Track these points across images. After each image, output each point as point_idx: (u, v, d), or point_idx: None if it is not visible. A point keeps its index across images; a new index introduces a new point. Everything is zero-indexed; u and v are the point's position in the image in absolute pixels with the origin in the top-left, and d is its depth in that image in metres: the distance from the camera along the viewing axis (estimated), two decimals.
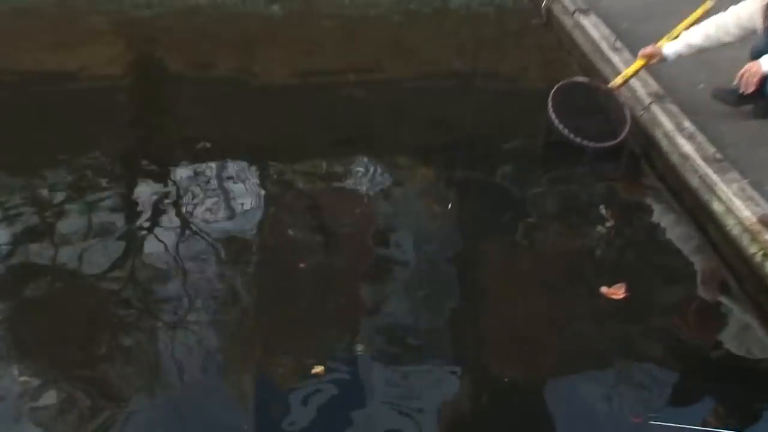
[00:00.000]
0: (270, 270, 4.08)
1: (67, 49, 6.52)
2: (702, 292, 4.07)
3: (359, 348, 3.56)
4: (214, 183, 4.79)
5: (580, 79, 5.51)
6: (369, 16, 7.56)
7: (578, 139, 4.91)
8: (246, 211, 4.54)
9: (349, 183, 4.83)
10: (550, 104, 4.97)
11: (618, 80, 5.25)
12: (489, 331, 3.72)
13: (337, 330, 3.66)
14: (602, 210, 4.69)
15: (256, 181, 4.85)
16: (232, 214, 4.50)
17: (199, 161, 5.00)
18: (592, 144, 4.94)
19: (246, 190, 4.73)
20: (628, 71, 5.25)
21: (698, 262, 4.28)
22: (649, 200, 4.84)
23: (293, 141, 5.29)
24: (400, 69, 6.44)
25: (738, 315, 3.89)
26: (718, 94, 5.04)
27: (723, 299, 4.00)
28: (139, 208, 4.55)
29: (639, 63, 5.18)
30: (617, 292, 3.83)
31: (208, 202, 4.59)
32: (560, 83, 5.14)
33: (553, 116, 4.93)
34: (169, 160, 5.07)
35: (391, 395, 3.32)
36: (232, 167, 4.97)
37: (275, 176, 4.93)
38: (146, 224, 4.42)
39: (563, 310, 3.82)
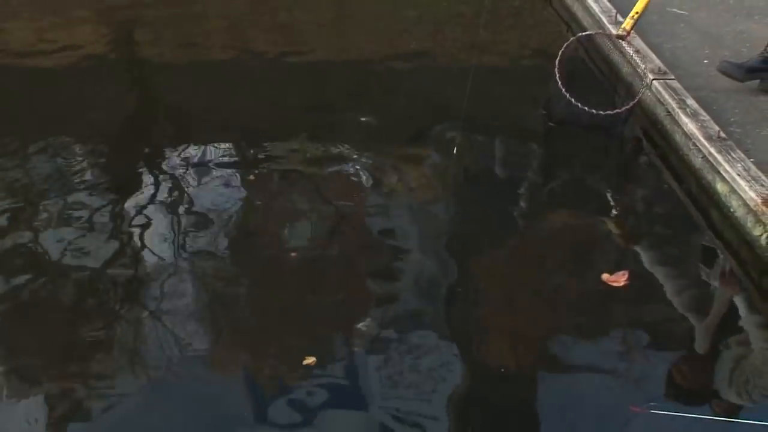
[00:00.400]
0: (261, 260, 3.99)
1: (51, 28, 6.42)
2: (703, 278, 3.98)
3: (351, 338, 3.48)
4: (202, 169, 4.68)
5: (586, 33, 5.34)
6: None
7: (593, 111, 4.68)
8: (236, 198, 4.45)
9: (341, 168, 4.71)
10: (557, 75, 4.74)
11: (627, 23, 4.95)
12: (486, 321, 3.64)
13: (329, 320, 3.59)
14: (602, 194, 4.59)
15: (245, 167, 4.75)
16: (221, 202, 4.39)
17: (187, 146, 4.91)
18: (608, 112, 4.72)
19: (235, 177, 4.63)
20: (637, 7, 4.90)
21: (700, 247, 4.19)
22: (650, 182, 4.74)
23: (284, 123, 5.19)
24: (393, 44, 6.32)
25: (740, 301, 3.80)
26: (724, 67, 4.89)
27: (725, 285, 3.90)
28: (126, 196, 4.45)
29: None
30: (618, 279, 3.75)
31: (196, 189, 4.50)
32: (564, 46, 4.89)
33: (562, 88, 4.71)
34: (156, 145, 4.99)
35: (384, 385, 3.26)
36: (221, 153, 4.87)
37: (265, 162, 4.82)
38: (133, 212, 4.33)
39: (563, 298, 3.74)
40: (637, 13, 4.89)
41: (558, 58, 4.81)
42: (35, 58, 6.03)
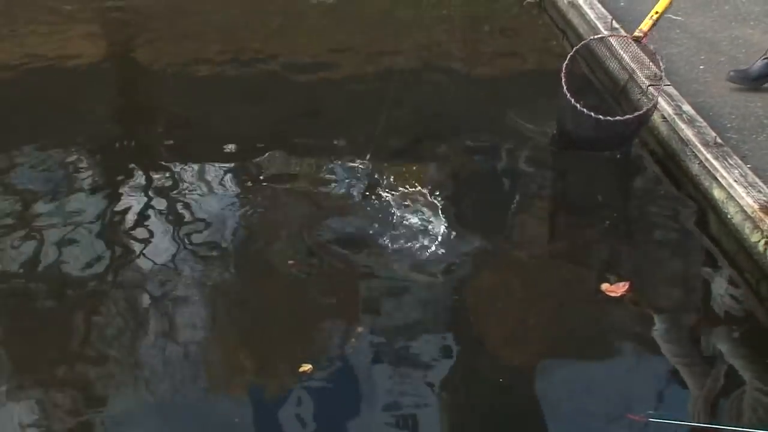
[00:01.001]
0: (259, 268, 3.97)
1: (44, 36, 6.42)
2: (701, 285, 3.96)
3: (348, 346, 3.46)
4: (197, 179, 4.66)
5: (598, 36, 5.16)
6: None
7: (599, 117, 4.35)
8: (232, 207, 4.41)
9: (338, 177, 4.66)
10: (564, 87, 4.44)
11: (645, 24, 4.72)
12: (485, 329, 3.62)
13: (326, 328, 3.57)
14: (600, 201, 4.54)
15: (241, 176, 4.71)
16: (217, 211, 4.36)
17: (183, 156, 4.88)
18: (618, 118, 4.40)
19: (231, 186, 4.61)
20: (657, 7, 4.68)
21: (698, 254, 4.17)
22: (647, 188, 4.71)
23: (279, 133, 5.15)
24: (387, 52, 6.30)
25: (739, 307, 3.78)
26: (732, 79, 4.90)
27: (723, 292, 3.88)
28: (121, 205, 4.44)
29: None
30: (616, 289, 3.71)
31: (192, 199, 4.47)
32: (573, 51, 4.68)
33: (567, 93, 4.42)
34: (151, 154, 4.97)
35: (381, 394, 3.24)
36: (218, 162, 4.83)
37: (262, 171, 4.77)
38: (129, 222, 4.30)
39: (562, 307, 3.73)
40: (657, 12, 4.70)
41: (564, 67, 4.54)
42: (31, 65, 6.02)
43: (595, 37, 5.25)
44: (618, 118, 4.45)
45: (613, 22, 5.87)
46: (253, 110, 5.45)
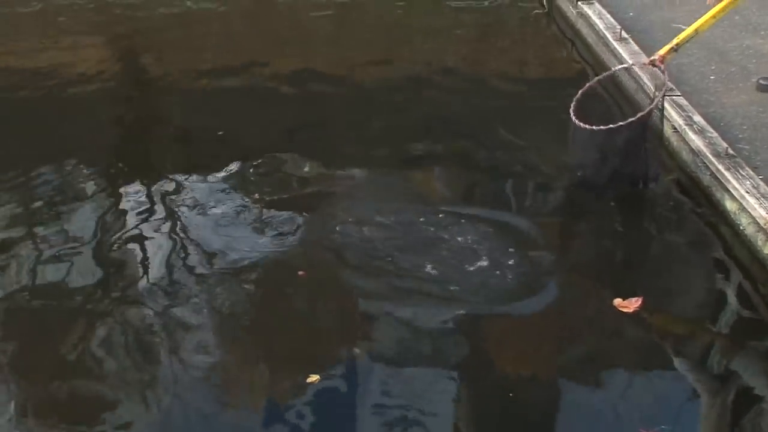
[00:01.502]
0: (268, 278, 3.94)
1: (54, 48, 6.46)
2: (715, 298, 3.90)
3: (355, 357, 3.43)
4: (206, 188, 4.64)
5: (622, 66, 4.99)
6: (363, 3, 7.45)
7: (600, 127, 4.20)
8: (241, 217, 4.38)
9: (345, 187, 4.63)
10: (572, 115, 4.31)
11: (664, 49, 4.51)
12: (493, 342, 3.58)
13: (334, 339, 3.54)
14: (610, 215, 4.48)
15: (250, 186, 4.69)
16: (225, 223, 4.33)
17: (191, 164, 4.88)
18: (620, 124, 4.21)
19: (240, 196, 4.57)
20: (680, 35, 4.47)
21: (711, 267, 4.11)
22: (658, 201, 4.65)
23: (286, 143, 5.14)
24: (392, 63, 6.29)
25: (754, 320, 3.72)
26: (762, 88, 4.87)
27: (738, 305, 3.82)
28: (127, 216, 4.43)
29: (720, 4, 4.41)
30: (629, 305, 3.66)
31: (201, 208, 4.46)
32: (584, 88, 4.48)
33: (572, 115, 4.31)
34: (159, 165, 4.96)
35: (389, 405, 3.20)
36: (225, 171, 4.81)
37: (270, 180, 4.75)
38: (134, 232, 4.29)
39: (574, 323, 3.68)
40: (678, 40, 4.52)
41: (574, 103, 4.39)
42: (41, 81, 6.05)
43: (619, 67, 5.04)
44: (620, 123, 4.27)
45: (622, 32, 5.84)
46: (261, 119, 5.45)
